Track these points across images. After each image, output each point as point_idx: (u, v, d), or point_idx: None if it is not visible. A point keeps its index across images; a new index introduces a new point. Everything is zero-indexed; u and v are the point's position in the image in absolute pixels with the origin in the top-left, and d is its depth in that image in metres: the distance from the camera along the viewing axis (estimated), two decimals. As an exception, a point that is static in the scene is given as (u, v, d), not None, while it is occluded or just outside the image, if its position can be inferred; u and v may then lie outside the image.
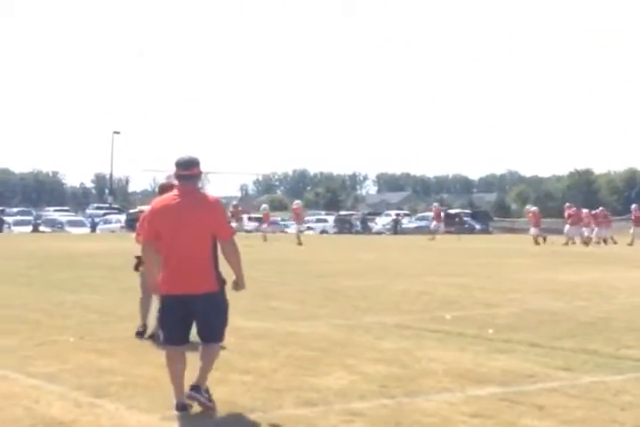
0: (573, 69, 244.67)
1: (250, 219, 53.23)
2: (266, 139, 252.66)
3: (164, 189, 9.73)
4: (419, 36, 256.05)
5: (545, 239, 36.66)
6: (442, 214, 44.25)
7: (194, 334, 6.51)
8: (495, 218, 71.71)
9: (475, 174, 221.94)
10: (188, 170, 6.43)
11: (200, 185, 6.84)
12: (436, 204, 49.05)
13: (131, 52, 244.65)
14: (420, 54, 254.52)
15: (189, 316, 6.38)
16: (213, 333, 6.47)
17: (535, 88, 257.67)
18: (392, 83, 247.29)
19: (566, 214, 37.34)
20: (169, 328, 6.46)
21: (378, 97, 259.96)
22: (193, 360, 6.50)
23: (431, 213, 47.18)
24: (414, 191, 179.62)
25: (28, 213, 62.49)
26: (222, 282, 6.43)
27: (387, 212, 73.89)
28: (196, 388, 6.37)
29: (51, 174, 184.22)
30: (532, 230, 37.04)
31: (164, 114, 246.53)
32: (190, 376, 6.42)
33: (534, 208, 39.48)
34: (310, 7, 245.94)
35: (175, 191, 6.49)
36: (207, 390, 6.48)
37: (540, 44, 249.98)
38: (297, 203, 39.44)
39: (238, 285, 6.55)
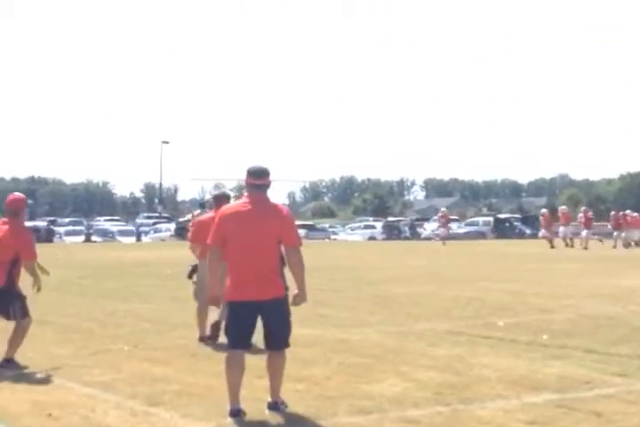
0: (627, 70, 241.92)
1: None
2: (313, 146, 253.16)
3: (220, 199, 9.84)
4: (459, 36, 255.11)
5: (572, 242, 35.85)
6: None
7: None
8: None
9: (524, 178, 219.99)
10: (260, 179, 6.56)
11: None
12: (443, 209, 48.78)
13: (178, 61, 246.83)
14: (462, 54, 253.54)
15: (255, 322, 6.49)
16: (281, 339, 6.55)
17: (585, 89, 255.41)
18: (437, 87, 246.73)
19: (583, 218, 36.78)
20: (235, 333, 6.52)
21: (422, 101, 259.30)
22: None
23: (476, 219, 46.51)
24: (463, 196, 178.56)
25: (80, 224, 63.24)
26: (286, 288, 6.63)
27: (435, 217, 73.55)
28: (273, 405, 6.58)
29: (101, 184, 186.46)
30: (561, 231, 36.60)
31: (212, 123, 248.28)
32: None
33: (563, 207, 39.45)
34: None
35: (245, 199, 6.59)
36: (283, 402, 6.63)
37: (582, 39, 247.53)
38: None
39: (300, 297, 6.58)
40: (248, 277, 6.38)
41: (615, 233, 36.88)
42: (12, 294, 8.65)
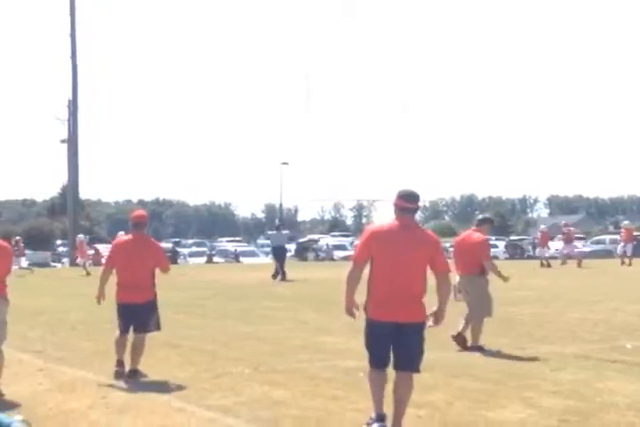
0: None
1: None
2: (432, 165, 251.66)
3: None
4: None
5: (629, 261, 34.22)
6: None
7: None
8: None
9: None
10: (411, 203, 6.68)
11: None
12: (543, 226, 44.99)
13: (295, 82, 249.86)
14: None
15: (393, 342, 6.58)
16: (413, 361, 6.63)
17: None
18: (560, 100, 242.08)
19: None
20: (374, 352, 6.68)
21: (547, 116, 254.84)
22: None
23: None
24: (588, 214, 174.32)
25: (203, 245, 64.38)
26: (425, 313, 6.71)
27: (559, 235, 71.93)
28: None
29: (223, 206, 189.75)
30: (619, 249, 35.28)
31: (330, 144, 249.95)
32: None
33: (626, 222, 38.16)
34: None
35: (395, 221, 6.66)
36: None
37: None
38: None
39: (438, 317, 6.75)
40: (392, 299, 6.50)
41: None
42: (153, 308, 9.46)
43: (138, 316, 9.32)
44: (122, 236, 9.91)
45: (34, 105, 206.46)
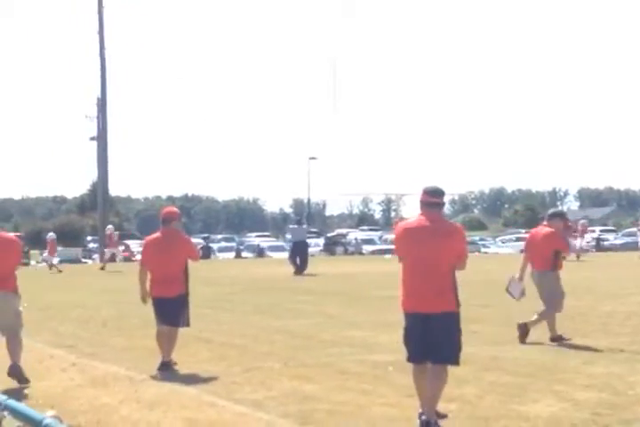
0: None
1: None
2: (460, 158, 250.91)
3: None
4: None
5: None
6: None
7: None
8: None
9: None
10: (436, 198, 6.80)
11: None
12: (584, 220, 43.25)
13: (322, 77, 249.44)
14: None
15: (427, 334, 6.60)
16: (446, 353, 6.62)
17: None
18: (589, 93, 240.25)
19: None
20: (410, 346, 6.77)
21: (576, 109, 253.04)
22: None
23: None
24: (619, 206, 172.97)
25: (232, 240, 64.51)
26: (458, 305, 6.70)
27: (590, 228, 71.52)
28: (426, 424, 6.52)
29: (251, 201, 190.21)
30: None
31: (358, 138, 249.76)
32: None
33: None
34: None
35: (421, 216, 6.78)
36: (437, 423, 6.58)
37: None
38: None
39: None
40: (420, 291, 6.63)
41: None
42: (184, 303, 9.71)
43: (169, 309, 9.57)
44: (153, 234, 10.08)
45: (64, 103, 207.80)
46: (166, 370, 9.29)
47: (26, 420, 2.07)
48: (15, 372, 8.66)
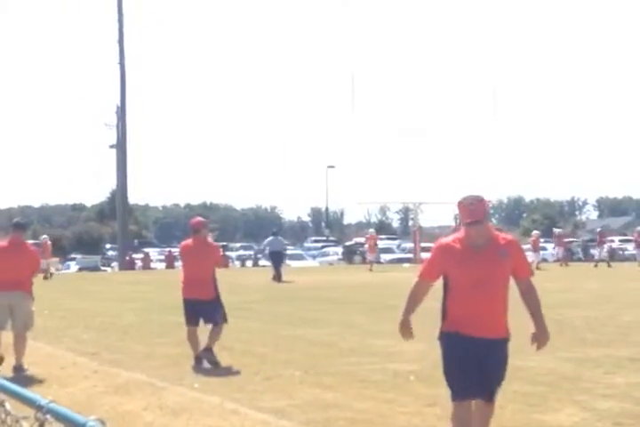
0: None
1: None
2: (478, 166, 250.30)
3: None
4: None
5: None
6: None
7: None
8: None
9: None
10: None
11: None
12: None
13: (340, 84, 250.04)
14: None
15: (477, 362, 5.60)
16: (496, 387, 5.79)
17: None
18: (608, 99, 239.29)
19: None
20: (459, 377, 5.63)
21: (591, 120, 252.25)
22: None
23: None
24: (638, 215, 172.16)
25: (250, 248, 64.61)
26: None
27: (609, 238, 71.25)
28: None
29: (269, 209, 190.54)
30: None
31: (376, 147, 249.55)
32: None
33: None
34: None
35: (461, 231, 5.80)
36: None
37: None
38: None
39: (540, 338, 5.88)
40: (474, 314, 5.58)
41: None
42: (218, 303, 10.67)
43: (205, 310, 10.54)
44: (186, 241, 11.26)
45: (83, 111, 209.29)
46: (205, 356, 10.37)
47: (69, 423, 2.13)
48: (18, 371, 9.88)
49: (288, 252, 56.78)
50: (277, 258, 29.83)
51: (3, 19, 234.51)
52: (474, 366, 5.55)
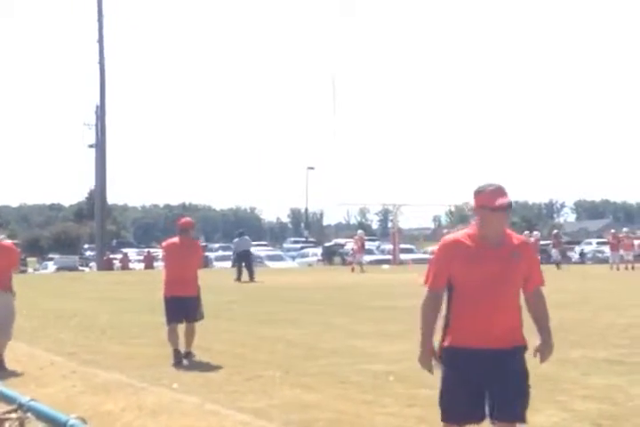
0: None
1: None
2: (457, 169, 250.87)
3: None
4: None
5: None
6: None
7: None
8: None
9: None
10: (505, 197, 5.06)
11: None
12: (360, 231, 42.71)
13: (321, 85, 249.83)
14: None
15: (487, 379, 4.92)
16: (518, 406, 5.02)
17: None
18: (584, 106, 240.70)
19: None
20: (461, 400, 4.92)
21: (573, 121, 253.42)
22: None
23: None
24: (615, 218, 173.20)
25: (229, 249, 64.38)
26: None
27: (587, 240, 71.64)
28: None
29: (249, 210, 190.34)
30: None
31: (356, 148, 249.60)
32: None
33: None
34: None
35: (471, 227, 5.12)
36: None
37: None
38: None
39: (545, 352, 5.16)
40: (487, 322, 4.88)
41: None
42: (199, 301, 10.98)
43: (188, 307, 10.78)
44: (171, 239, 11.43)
45: (63, 111, 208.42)
46: (188, 358, 10.61)
47: (50, 421, 2.11)
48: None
49: (268, 253, 56.88)
50: (246, 258, 30.30)
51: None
52: (487, 383, 4.90)
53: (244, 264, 30.06)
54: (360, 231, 42.57)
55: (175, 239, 11.18)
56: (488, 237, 4.94)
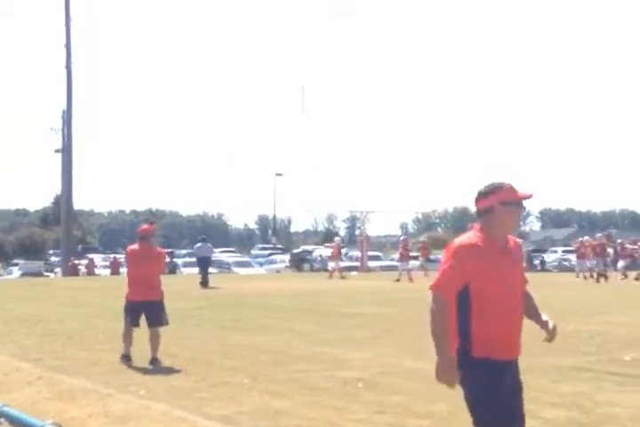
0: None
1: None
2: (424, 176, 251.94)
3: None
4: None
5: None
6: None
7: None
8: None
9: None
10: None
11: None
12: (337, 238, 42.77)
13: (290, 93, 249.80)
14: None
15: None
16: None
17: None
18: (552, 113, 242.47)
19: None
20: (499, 408, 4.71)
21: (535, 133, 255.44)
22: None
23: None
24: (580, 227, 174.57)
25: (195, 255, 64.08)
26: None
27: (552, 248, 72.23)
28: None
29: (216, 216, 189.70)
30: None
31: (324, 155, 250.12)
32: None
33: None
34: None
35: (477, 229, 4.85)
36: None
37: None
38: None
39: (553, 333, 5.11)
40: (509, 331, 4.75)
41: None
42: (162, 306, 11.13)
43: (151, 311, 10.98)
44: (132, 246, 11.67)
45: (28, 115, 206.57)
46: (155, 364, 10.67)
47: (24, 427, 2.06)
48: None
49: (235, 259, 56.73)
50: (205, 264, 30.47)
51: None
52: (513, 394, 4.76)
53: (200, 269, 30.48)
54: (337, 238, 42.68)
55: (135, 246, 11.45)
56: (498, 239, 4.74)
